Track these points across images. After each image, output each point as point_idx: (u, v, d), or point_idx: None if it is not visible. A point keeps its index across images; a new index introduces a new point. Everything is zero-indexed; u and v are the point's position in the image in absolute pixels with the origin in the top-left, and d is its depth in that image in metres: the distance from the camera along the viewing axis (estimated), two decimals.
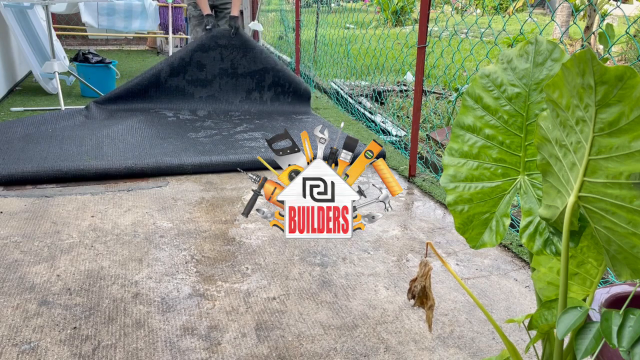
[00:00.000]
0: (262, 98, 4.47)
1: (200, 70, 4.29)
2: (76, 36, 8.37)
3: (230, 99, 4.39)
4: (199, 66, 4.27)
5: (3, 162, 2.89)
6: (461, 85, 4.22)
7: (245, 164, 3.05)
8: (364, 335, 1.63)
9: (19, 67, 5.57)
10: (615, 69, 0.72)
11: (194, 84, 4.30)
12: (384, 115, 4.49)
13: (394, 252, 2.16)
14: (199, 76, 4.30)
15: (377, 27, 9.36)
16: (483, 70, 1.06)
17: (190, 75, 4.27)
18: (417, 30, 2.86)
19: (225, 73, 4.36)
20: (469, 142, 1.07)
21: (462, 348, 1.59)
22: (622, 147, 0.76)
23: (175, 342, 1.56)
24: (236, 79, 4.39)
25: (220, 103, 4.35)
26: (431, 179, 3.03)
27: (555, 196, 0.90)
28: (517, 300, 1.84)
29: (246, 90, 4.43)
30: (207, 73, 4.31)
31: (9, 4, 4.65)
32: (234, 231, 2.29)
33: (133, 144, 3.31)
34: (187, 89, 4.30)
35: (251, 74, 4.40)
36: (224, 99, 4.38)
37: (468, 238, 1.07)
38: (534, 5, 9.64)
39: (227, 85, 4.38)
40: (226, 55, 4.31)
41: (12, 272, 1.90)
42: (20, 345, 1.52)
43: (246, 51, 4.35)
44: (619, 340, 0.77)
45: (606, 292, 1.30)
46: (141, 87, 4.19)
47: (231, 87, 4.40)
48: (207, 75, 4.32)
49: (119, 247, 2.11)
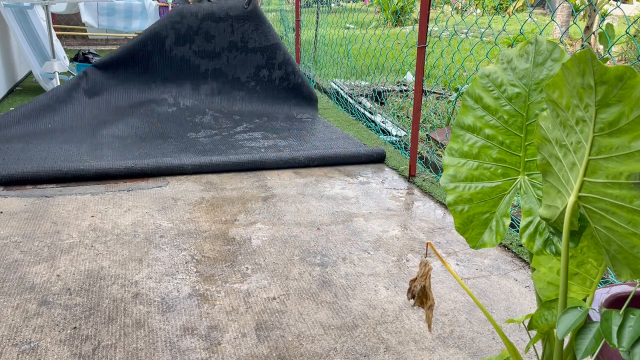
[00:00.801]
0: (271, 77, 4.19)
1: (208, 42, 4.00)
2: (76, 36, 8.37)
3: (238, 74, 4.12)
4: (207, 37, 3.99)
5: (3, 162, 2.89)
6: (461, 85, 4.22)
7: (246, 164, 3.05)
8: (364, 335, 1.63)
9: (19, 67, 5.57)
10: (615, 69, 0.72)
11: (200, 55, 4.01)
12: (384, 115, 4.49)
13: (394, 252, 2.16)
14: (206, 47, 4.01)
15: (377, 27, 9.37)
16: (483, 70, 1.06)
17: (197, 45, 3.98)
18: (417, 30, 2.86)
19: (234, 47, 4.07)
20: (469, 142, 1.07)
21: (462, 348, 1.59)
22: (622, 147, 0.76)
23: (175, 342, 1.56)
24: (246, 53, 4.09)
25: (226, 79, 4.10)
26: (431, 179, 3.03)
27: (555, 196, 0.90)
28: (517, 300, 1.85)
29: (255, 67, 4.15)
30: (216, 45, 4.02)
31: (9, 4, 4.65)
32: (234, 231, 2.29)
33: (133, 144, 3.31)
34: (193, 60, 4.00)
35: (262, 50, 4.11)
36: (231, 74, 4.11)
37: (468, 238, 1.07)
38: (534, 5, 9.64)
39: (235, 59, 4.10)
40: (237, 27, 4.02)
41: (12, 272, 1.90)
42: (20, 345, 1.52)
43: (258, 25, 4.07)
44: (619, 340, 0.77)
45: (606, 292, 1.30)
46: (145, 53, 3.91)
47: (240, 62, 4.12)
48: (215, 47, 4.02)
49: (119, 247, 2.11)
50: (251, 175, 2.99)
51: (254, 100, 4.17)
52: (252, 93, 4.15)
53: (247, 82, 4.14)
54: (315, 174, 3.05)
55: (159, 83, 3.95)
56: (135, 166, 2.87)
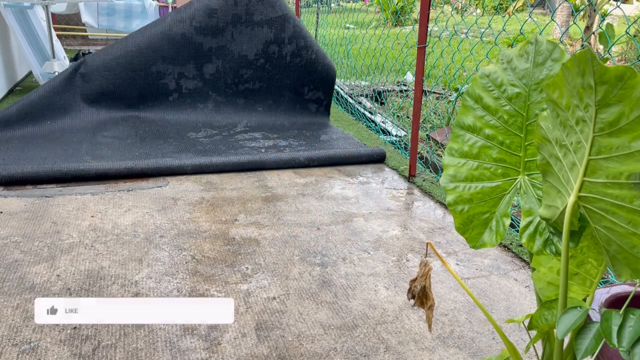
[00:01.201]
0: (282, 53, 3.81)
1: (209, 17, 3.61)
2: (76, 36, 8.37)
3: (244, 52, 3.76)
4: (208, 11, 3.62)
5: (3, 162, 2.89)
6: (461, 85, 4.23)
7: (246, 164, 3.05)
8: (364, 335, 1.63)
9: (19, 67, 5.57)
10: (615, 69, 0.72)
11: (202, 33, 3.64)
12: (384, 115, 4.49)
13: (394, 252, 2.16)
14: (208, 23, 3.62)
15: (377, 27, 9.37)
16: (483, 70, 1.06)
17: (198, 21, 3.61)
18: (417, 30, 2.86)
19: (239, 20, 3.67)
20: (469, 142, 1.07)
21: (462, 348, 1.59)
22: (622, 147, 0.76)
23: (175, 342, 1.56)
24: (252, 27, 3.70)
25: (232, 56, 3.76)
26: (431, 179, 3.03)
27: (555, 196, 0.90)
28: (517, 300, 1.85)
29: (263, 43, 3.76)
30: (219, 20, 3.63)
31: (9, 4, 4.65)
32: (234, 231, 2.29)
33: (133, 144, 3.31)
34: (195, 38, 3.64)
35: (269, 22, 3.71)
36: (237, 51, 3.75)
37: (468, 238, 1.07)
38: (534, 5, 9.64)
39: (241, 35, 3.72)
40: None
41: (12, 272, 1.90)
42: (20, 345, 1.52)
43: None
44: (619, 340, 0.77)
45: (606, 292, 1.30)
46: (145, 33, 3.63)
47: (246, 38, 3.74)
48: (218, 21, 3.64)
49: (119, 247, 2.11)
50: (251, 175, 2.99)
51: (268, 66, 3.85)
52: (261, 71, 3.82)
53: (255, 60, 3.80)
54: (315, 174, 3.05)
55: (160, 64, 3.67)
56: (136, 166, 2.87)
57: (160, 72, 3.66)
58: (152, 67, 3.64)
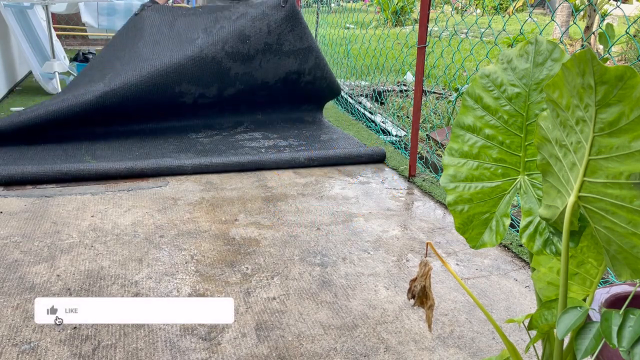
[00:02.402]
0: (299, 81, 3.80)
1: (242, 43, 3.50)
2: (76, 36, 8.37)
3: (267, 79, 3.70)
4: (242, 37, 3.51)
5: (3, 162, 2.89)
6: (461, 85, 4.22)
7: (246, 164, 3.05)
8: (364, 335, 1.63)
9: (19, 67, 5.57)
10: (615, 69, 0.72)
11: (232, 58, 3.51)
12: (384, 115, 4.49)
13: (394, 252, 2.16)
14: (240, 49, 3.50)
15: (377, 27, 9.37)
16: (483, 70, 1.06)
17: (230, 46, 3.48)
18: (417, 30, 2.86)
19: (269, 49, 3.58)
20: (469, 142, 1.07)
21: (462, 348, 1.59)
22: (622, 147, 0.76)
23: (175, 342, 1.56)
24: (279, 57, 3.64)
25: (255, 82, 3.69)
26: (431, 179, 3.03)
27: (555, 196, 0.90)
28: (517, 300, 1.85)
29: (286, 72, 3.74)
30: (250, 47, 3.52)
31: (9, 4, 4.65)
32: (234, 231, 2.29)
33: (133, 144, 3.31)
34: (225, 62, 3.50)
35: (295, 53, 3.67)
36: (260, 79, 3.68)
37: (468, 238, 1.07)
38: (534, 5, 9.64)
39: (268, 63, 3.63)
40: (274, 28, 3.56)
41: (12, 272, 1.90)
42: (20, 345, 1.52)
43: (294, 25, 3.61)
44: (619, 340, 0.77)
45: (606, 292, 1.30)
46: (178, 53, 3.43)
47: (272, 67, 3.66)
48: (249, 49, 3.52)
49: (119, 247, 2.11)
50: (251, 175, 2.99)
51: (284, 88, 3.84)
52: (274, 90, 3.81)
53: (274, 84, 3.80)
54: (315, 174, 3.05)
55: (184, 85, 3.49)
56: (136, 166, 2.87)
57: (183, 92, 3.52)
58: (176, 88, 3.46)
